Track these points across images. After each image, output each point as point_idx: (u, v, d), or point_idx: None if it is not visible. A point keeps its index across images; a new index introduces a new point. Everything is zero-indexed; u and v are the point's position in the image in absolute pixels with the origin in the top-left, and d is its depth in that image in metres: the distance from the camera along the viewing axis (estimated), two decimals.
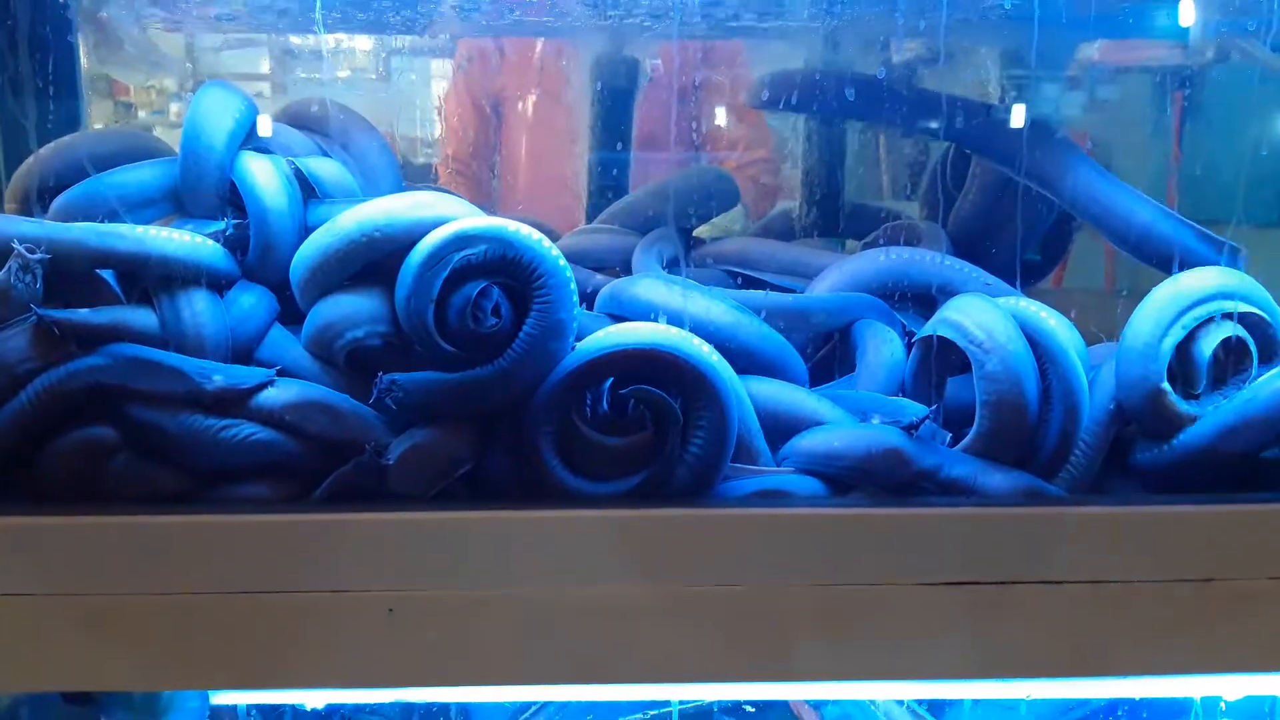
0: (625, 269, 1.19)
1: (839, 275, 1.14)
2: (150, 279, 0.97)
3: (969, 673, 0.93)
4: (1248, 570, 0.90)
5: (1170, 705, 1.08)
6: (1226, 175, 1.33)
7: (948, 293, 1.08)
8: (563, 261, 0.94)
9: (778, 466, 0.97)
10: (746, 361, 1.02)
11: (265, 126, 1.08)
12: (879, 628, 0.92)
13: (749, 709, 1.09)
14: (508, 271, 0.93)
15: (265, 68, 1.50)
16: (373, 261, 0.95)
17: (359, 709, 1.07)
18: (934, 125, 1.25)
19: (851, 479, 0.95)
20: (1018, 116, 1.21)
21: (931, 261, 1.14)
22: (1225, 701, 1.07)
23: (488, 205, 1.01)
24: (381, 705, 1.06)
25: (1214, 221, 1.23)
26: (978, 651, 0.93)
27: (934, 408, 0.95)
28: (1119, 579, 0.90)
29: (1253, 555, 0.90)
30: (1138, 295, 1.03)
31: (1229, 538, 0.90)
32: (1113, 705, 1.06)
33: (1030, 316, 0.99)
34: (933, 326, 1.01)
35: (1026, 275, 1.14)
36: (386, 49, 1.50)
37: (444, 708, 1.10)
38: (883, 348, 1.07)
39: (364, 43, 1.48)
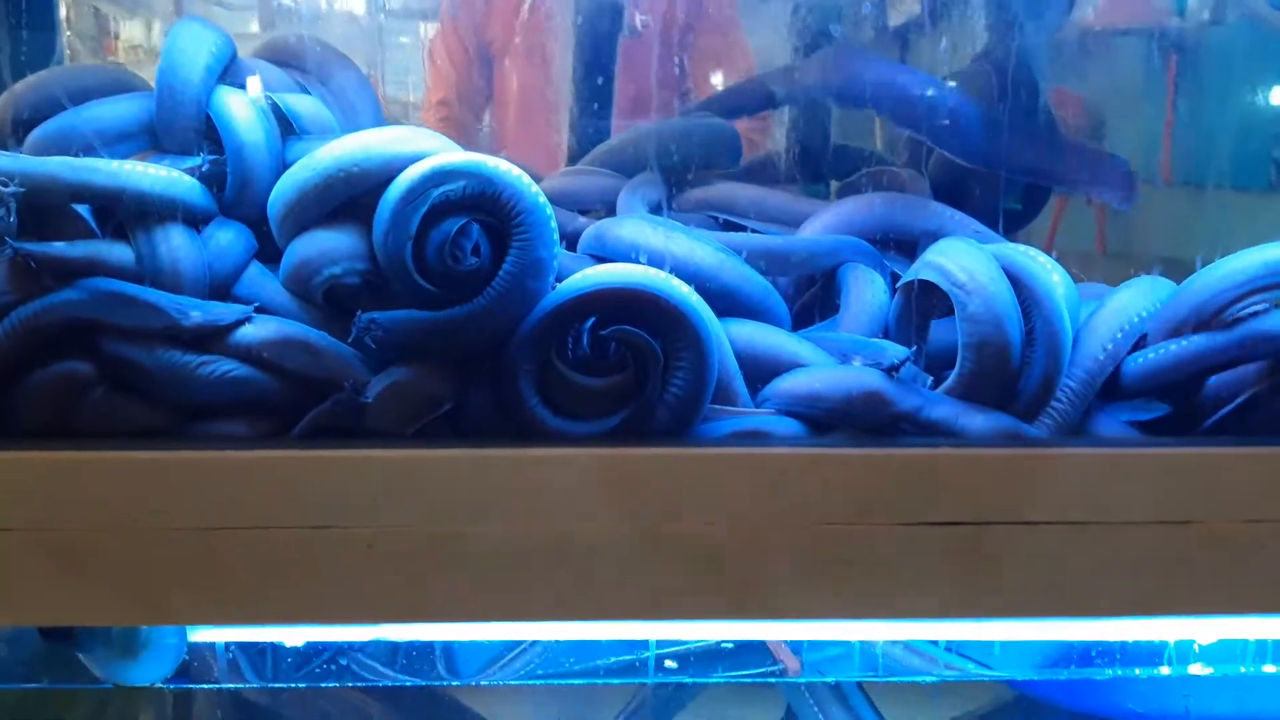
0: (610, 212, 1.18)
1: (826, 218, 1.14)
2: (126, 214, 0.96)
3: (946, 613, 0.94)
4: (1225, 513, 0.91)
5: (1144, 649, 1.09)
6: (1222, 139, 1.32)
7: (936, 239, 1.08)
8: (543, 199, 0.93)
9: (758, 409, 0.97)
10: (729, 303, 1.02)
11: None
12: (858, 568, 0.92)
13: (728, 647, 1.10)
14: (487, 208, 0.92)
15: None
16: (351, 198, 0.94)
17: (341, 647, 1.07)
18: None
19: (832, 420, 0.95)
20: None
21: (921, 207, 1.13)
22: (1199, 645, 1.08)
23: (473, 148, 1.00)
24: (364, 644, 1.06)
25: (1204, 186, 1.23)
26: (956, 592, 0.93)
27: (915, 349, 0.95)
28: (1097, 520, 0.90)
29: (1230, 498, 0.91)
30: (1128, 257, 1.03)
31: (1207, 480, 0.91)
32: (1086, 648, 1.07)
33: (1015, 259, 0.98)
34: (916, 270, 1.00)
35: (1009, 224, 1.13)
36: None
37: (428, 646, 1.11)
38: (866, 291, 1.06)
39: None
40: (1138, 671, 1.06)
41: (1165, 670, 1.08)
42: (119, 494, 0.90)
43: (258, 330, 0.93)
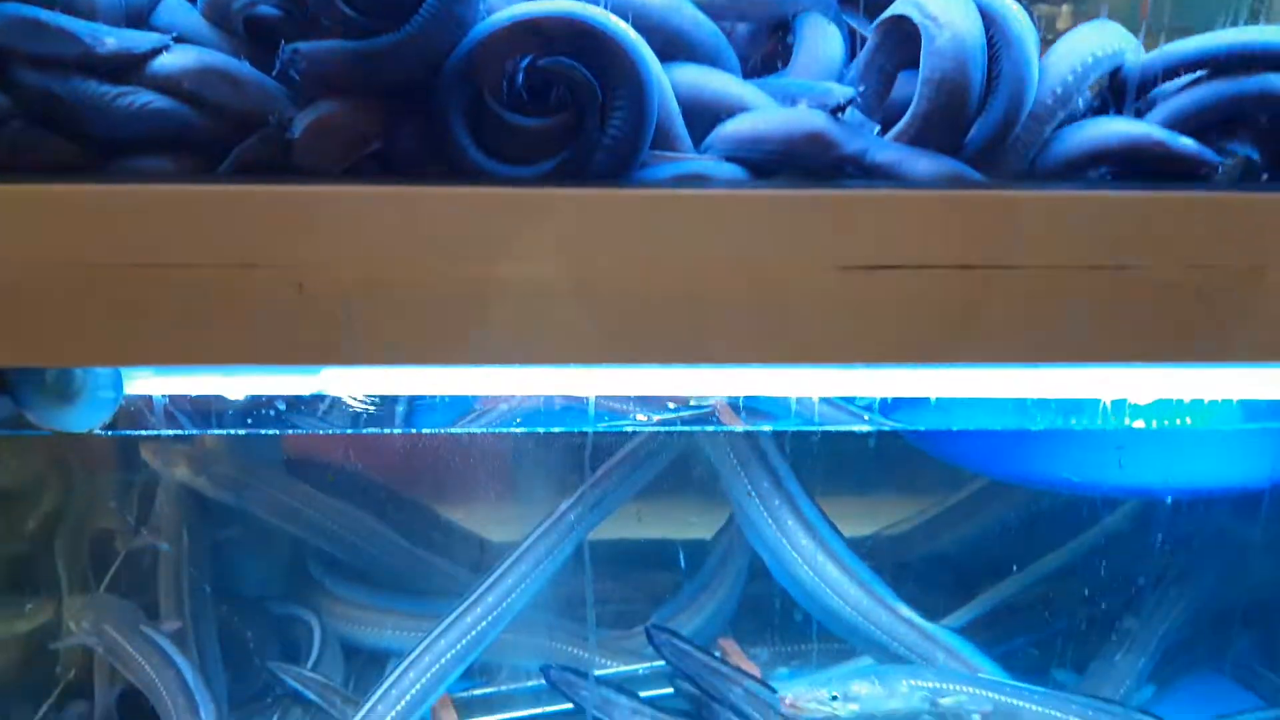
0: None
1: None
2: None
3: (884, 359, 0.94)
4: (1163, 258, 0.90)
5: (1077, 406, 1.10)
6: None
7: None
8: None
9: (699, 154, 0.95)
10: (677, 48, 0.98)
11: None
12: (796, 314, 0.92)
13: (670, 407, 1.11)
14: None
15: None
16: None
17: (287, 400, 1.07)
18: None
19: (774, 163, 0.92)
20: None
21: None
22: (1134, 404, 1.09)
23: None
24: (303, 397, 1.06)
25: None
26: (895, 340, 0.93)
27: (860, 89, 0.92)
28: (1035, 264, 0.90)
29: (1169, 243, 0.90)
30: None
31: (1145, 225, 0.89)
32: (1021, 403, 1.08)
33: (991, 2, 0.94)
34: (893, 8, 0.96)
35: None
36: None
37: (390, 400, 1.10)
38: (821, 42, 1.02)
39: None
40: (1072, 422, 1.07)
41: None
42: (38, 230, 0.88)
43: (177, 59, 0.89)
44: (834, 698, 1.22)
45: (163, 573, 1.64)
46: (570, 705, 1.47)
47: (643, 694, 1.49)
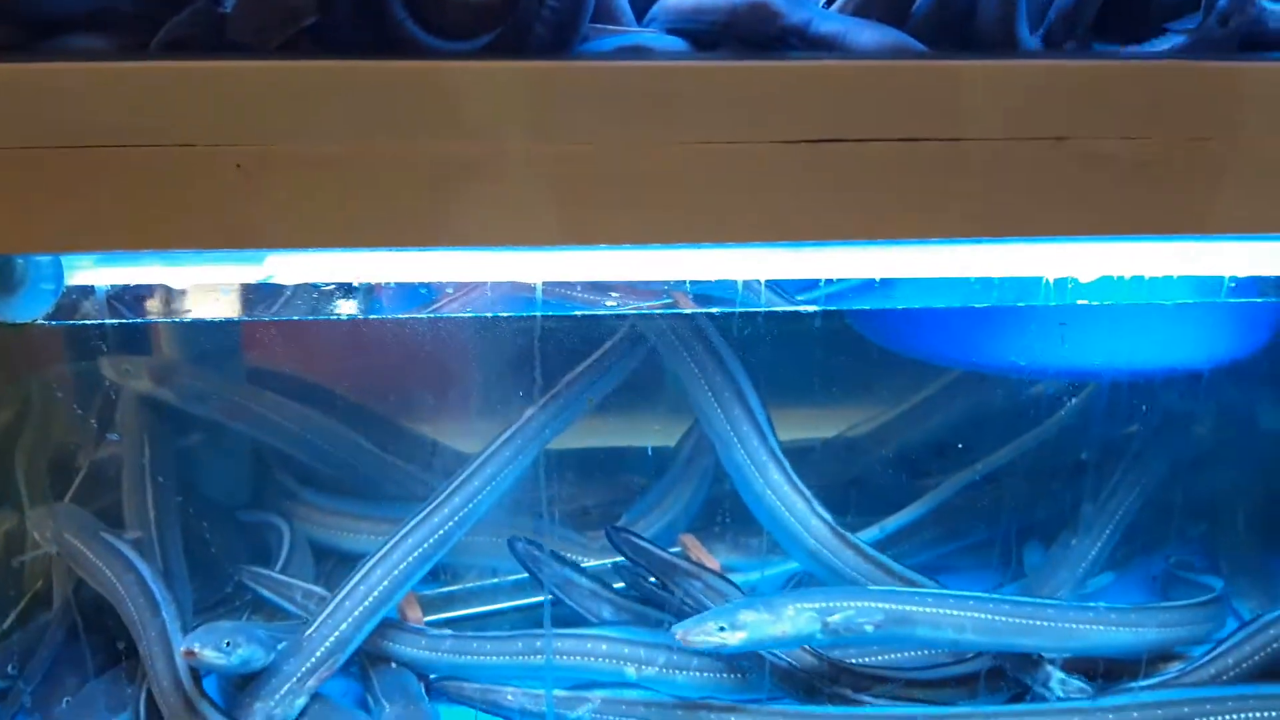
0: None
1: None
2: None
3: (829, 237, 0.94)
4: (1104, 129, 0.90)
5: (1019, 284, 1.11)
6: None
7: None
8: None
9: (641, 27, 0.94)
10: None
11: None
12: (739, 190, 0.92)
13: (613, 297, 1.11)
14: None
15: None
16: None
17: (232, 289, 1.06)
18: None
19: (716, 35, 0.91)
20: None
21: None
22: (1077, 281, 1.10)
23: None
24: (256, 284, 1.05)
25: None
26: (837, 213, 0.93)
27: None
28: (977, 137, 0.90)
29: (1109, 114, 0.90)
30: None
31: (1087, 95, 0.89)
32: (966, 282, 1.09)
33: None
34: None
35: None
36: None
37: (347, 287, 1.10)
38: None
39: None
40: (1016, 301, 1.08)
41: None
42: None
43: None
44: (721, 629, 1.26)
45: (126, 483, 1.64)
46: (533, 593, 1.50)
47: None
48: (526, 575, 1.55)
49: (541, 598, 1.50)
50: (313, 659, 1.36)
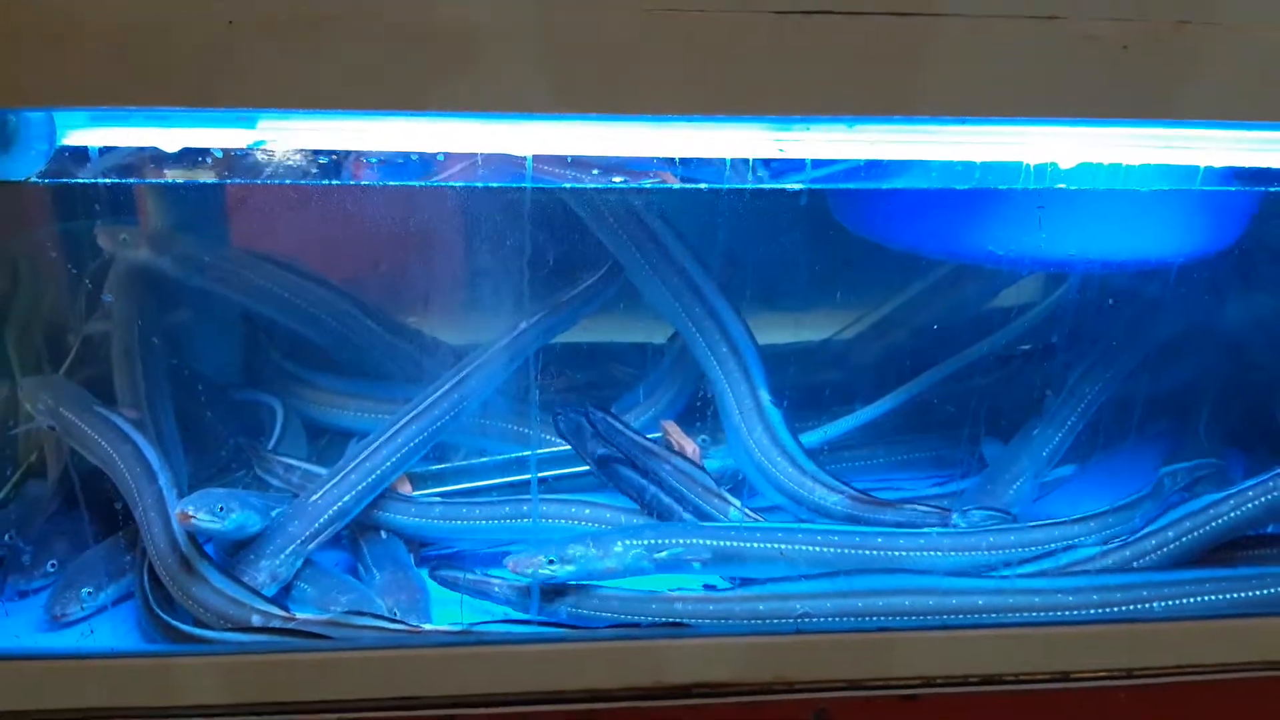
0: None
1: None
2: None
3: (818, 110, 0.95)
4: (1096, 10, 0.91)
5: (1000, 169, 1.12)
6: None
7: None
8: None
9: None
10: None
11: None
12: (730, 59, 0.93)
13: (594, 174, 1.11)
14: None
15: None
16: None
17: (225, 151, 1.06)
18: None
19: None
20: None
21: None
22: (1057, 166, 1.12)
23: None
24: (243, 151, 1.06)
25: None
26: (826, 88, 0.94)
27: None
28: (969, 13, 0.91)
29: None
30: None
31: None
32: (947, 165, 1.10)
33: None
34: None
35: None
36: None
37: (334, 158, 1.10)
38: None
39: None
40: (999, 187, 1.10)
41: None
42: None
43: None
44: (550, 561, 1.32)
45: (117, 360, 1.66)
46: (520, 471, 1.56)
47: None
48: (513, 455, 1.60)
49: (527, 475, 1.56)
50: (315, 524, 1.42)
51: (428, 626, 1.32)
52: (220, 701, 1.28)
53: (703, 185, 1.04)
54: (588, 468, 1.53)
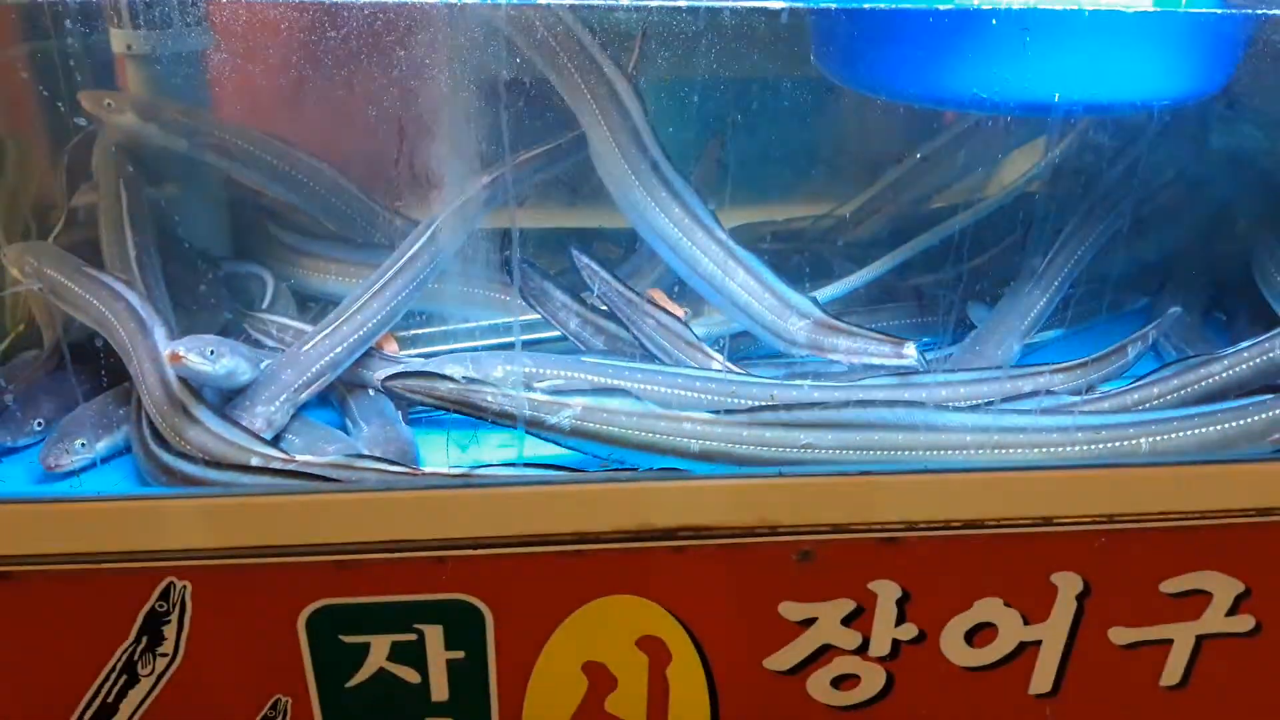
0: None
1: None
2: None
3: None
4: None
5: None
6: None
7: None
8: None
9: None
10: None
11: None
12: None
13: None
14: None
15: None
16: None
17: None
18: None
19: None
20: None
21: None
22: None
23: None
24: None
25: None
26: None
27: None
28: None
29: None
30: None
31: None
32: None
33: None
34: None
35: None
36: None
37: None
38: None
39: None
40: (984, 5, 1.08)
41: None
42: None
43: None
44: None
45: (105, 230, 1.65)
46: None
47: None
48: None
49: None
50: (309, 373, 1.43)
51: (426, 469, 1.33)
52: (213, 545, 1.29)
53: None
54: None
